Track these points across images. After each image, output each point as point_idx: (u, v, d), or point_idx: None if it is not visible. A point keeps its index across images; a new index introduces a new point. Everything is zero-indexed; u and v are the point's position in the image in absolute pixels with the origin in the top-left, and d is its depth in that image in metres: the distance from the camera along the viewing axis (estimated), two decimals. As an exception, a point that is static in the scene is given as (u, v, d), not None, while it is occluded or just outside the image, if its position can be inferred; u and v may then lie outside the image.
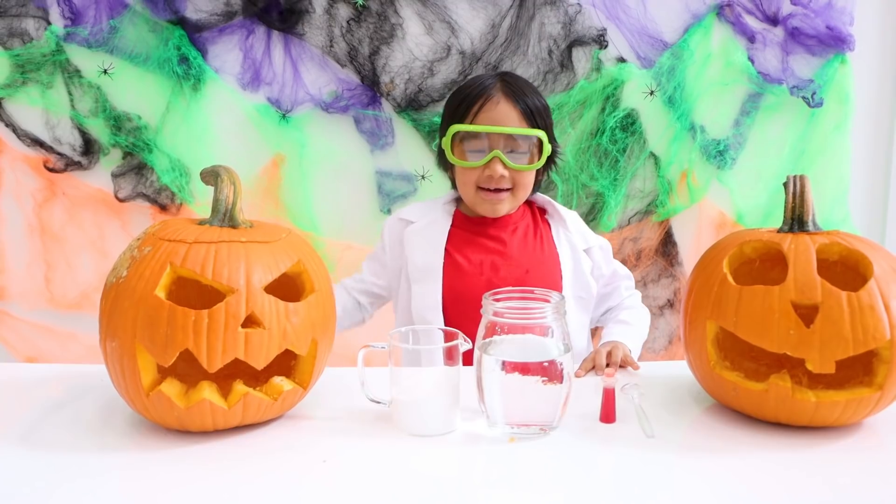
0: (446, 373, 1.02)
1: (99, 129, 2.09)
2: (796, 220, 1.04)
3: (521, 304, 1.02)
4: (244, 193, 2.05)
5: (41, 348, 2.20)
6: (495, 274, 1.41)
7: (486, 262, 1.41)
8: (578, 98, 2.05)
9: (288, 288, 1.03)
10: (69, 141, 2.09)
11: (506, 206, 1.40)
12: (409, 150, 2.09)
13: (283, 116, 2.08)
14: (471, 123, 1.35)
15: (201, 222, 1.06)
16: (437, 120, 2.02)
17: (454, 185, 1.46)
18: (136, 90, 2.07)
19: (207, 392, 0.96)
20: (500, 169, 1.34)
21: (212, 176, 1.08)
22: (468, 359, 1.01)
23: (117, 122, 2.07)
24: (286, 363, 1.04)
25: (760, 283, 0.98)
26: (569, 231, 1.46)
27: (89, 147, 2.10)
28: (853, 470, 0.91)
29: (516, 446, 0.97)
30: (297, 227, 2.09)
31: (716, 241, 1.11)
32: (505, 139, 1.34)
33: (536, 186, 1.47)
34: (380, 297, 1.54)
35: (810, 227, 1.03)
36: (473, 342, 1.01)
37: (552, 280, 1.42)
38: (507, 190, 1.38)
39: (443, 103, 2.04)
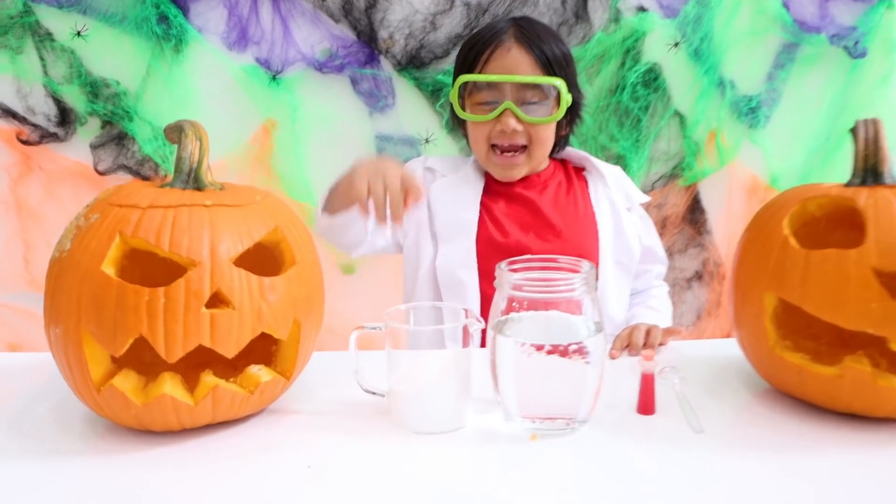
0: (454, 357, 0.87)
1: (74, 97, 1.94)
2: (870, 171, 0.87)
3: (543, 274, 0.86)
4: (233, 162, 1.96)
5: (24, 335, 2.06)
6: (525, 235, 1.28)
7: (517, 224, 1.29)
8: (595, 52, 1.90)
9: (264, 260, 0.87)
10: (43, 111, 1.94)
11: (521, 168, 1.29)
12: (412, 111, 1.93)
13: (273, 78, 1.93)
14: (480, 73, 1.24)
15: (163, 185, 0.89)
16: (441, 78, 1.90)
17: (468, 145, 1.34)
18: (112, 53, 1.91)
19: (169, 386, 0.81)
20: (512, 122, 1.22)
21: (175, 131, 0.92)
22: (484, 341, 0.86)
23: (94, 88, 1.92)
24: (265, 349, 0.88)
25: (828, 247, 0.81)
26: (609, 188, 1.34)
27: (65, 117, 1.95)
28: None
29: (539, 445, 0.82)
30: (292, 197, 1.96)
31: (748, 207, 0.94)
32: (517, 89, 1.22)
33: (561, 143, 1.35)
34: (381, 242, 1.31)
35: (887, 178, 0.86)
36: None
37: (589, 242, 1.30)
38: (523, 148, 1.26)
39: (447, 60, 1.90)
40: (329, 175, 1.91)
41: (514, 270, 0.86)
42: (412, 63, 1.90)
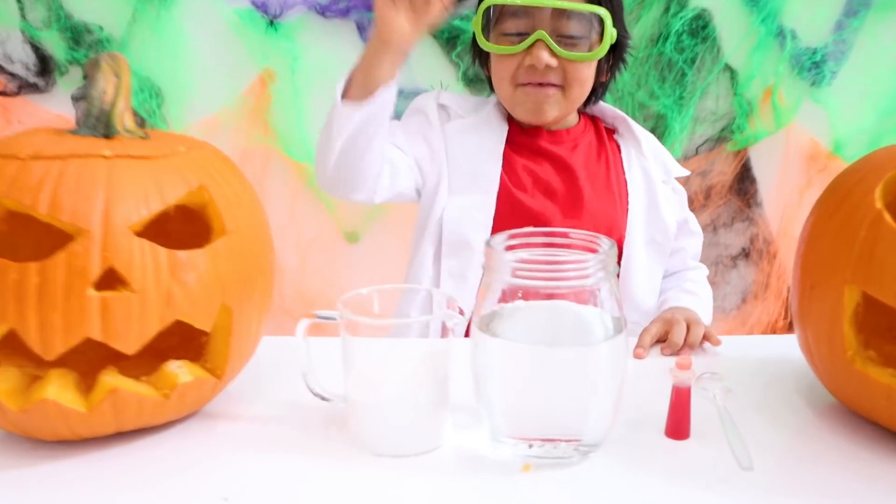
0: (428, 358, 0.67)
1: (54, 44, 1.81)
2: None
3: (548, 254, 0.66)
4: (226, 117, 1.78)
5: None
6: (551, 198, 1.10)
7: (541, 185, 1.11)
8: (636, -5, 1.74)
9: (189, 230, 0.68)
10: (21, 59, 1.81)
11: (554, 107, 1.08)
12: (424, 61, 1.76)
13: (271, 23, 1.77)
14: None
15: (69, 132, 0.71)
16: (459, 24, 1.72)
17: (491, 86, 1.15)
18: (96, -4, 1.76)
19: (53, 389, 0.63)
20: (545, 56, 1.03)
21: (92, 67, 0.73)
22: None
23: (75, 34, 1.79)
24: (193, 341, 0.70)
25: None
26: (644, 156, 1.17)
27: (45, 65, 1.81)
28: None
29: (534, 477, 0.62)
30: (291, 157, 1.81)
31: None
32: (553, 18, 1.03)
33: (598, 93, 1.16)
34: (403, 180, 1.11)
35: None
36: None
37: (618, 216, 1.13)
38: (556, 87, 1.07)
39: (466, 3, 1.70)
40: None
41: (511, 248, 0.65)
42: (425, 6, 1.70)
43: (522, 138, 1.14)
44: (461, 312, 0.65)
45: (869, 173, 0.66)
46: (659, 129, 1.79)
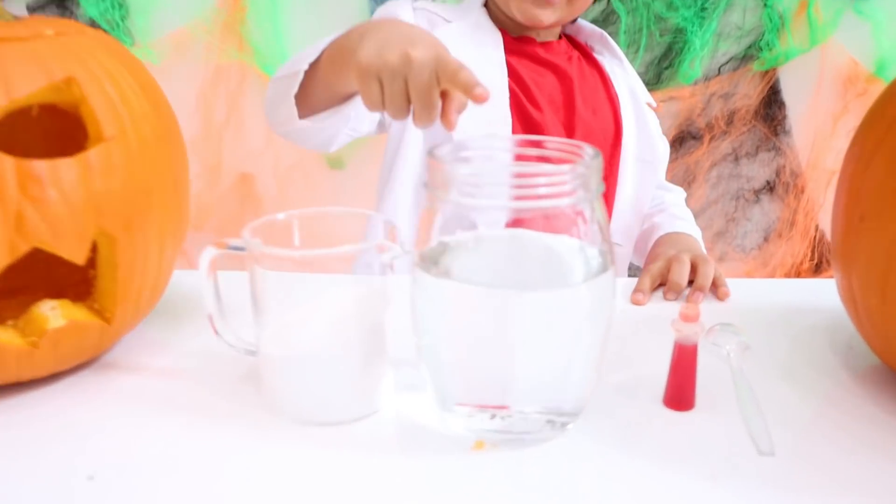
0: (361, 302, 0.53)
1: None
2: None
3: (502, 164, 0.51)
4: (197, 31, 1.61)
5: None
6: (556, 111, 1.01)
7: (546, 97, 1.00)
8: None
9: (65, 134, 0.53)
10: None
11: (555, 11, 0.97)
12: None
13: None
14: None
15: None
16: None
17: None
18: None
19: None
20: None
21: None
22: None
23: None
24: (80, 276, 0.56)
25: None
26: (627, 73, 1.10)
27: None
28: None
29: (493, 457, 0.49)
30: (267, 74, 1.70)
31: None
32: None
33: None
34: (365, 124, 0.98)
35: None
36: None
37: (612, 132, 1.04)
38: None
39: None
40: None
41: (465, 158, 0.50)
42: None
43: (519, 46, 1.01)
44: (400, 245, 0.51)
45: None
46: (677, 44, 1.68)
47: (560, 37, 1.08)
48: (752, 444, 0.49)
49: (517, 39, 1.03)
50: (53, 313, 0.54)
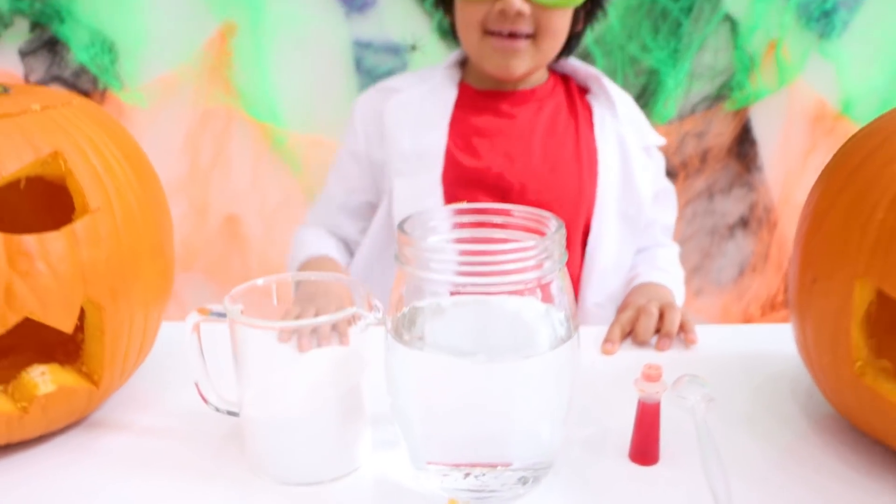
0: (338, 365, 0.55)
1: None
2: None
3: (476, 237, 0.54)
4: (184, 74, 1.66)
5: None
6: (509, 168, 1.01)
7: (498, 148, 1.01)
8: (626, -64, 1.65)
9: (51, 208, 0.56)
10: None
11: (524, 60, 0.99)
12: (397, 11, 1.68)
13: None
14: None
15: None
16: None
17: (454, 34, 1.07)
18: (41, -61, 1.69)
19: None
20: (517, 1, 0.94)
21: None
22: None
23: None
24: (70, 341, 0.58)
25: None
26: (618, 120, 1.07)
27: (-13, 18, 1.70)
28: None
29: (465, 514, 0.50)
30: (253, 116, 1.73)
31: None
32: None
33: (572, 45, 1.07)
34: (373, 210, 1.12)
35: None
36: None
37: (587, 187, 1.03)
38: (527, 37, 0.98)
39: None
40: (298, 89, 1.67)
41: (438, 228, 0.53)
42: (397, -50, 1.65)
43: (478, 100, 1.05)
44: (376, 309, 0.53)
45: (889, 137, 0.53)
46: (651, 85, 1.72)
47: (549, 78, 1.09)
48: (712, 497, 0.52)
49: (483, 94, 1.06)
50: (43, 379, 0.56)
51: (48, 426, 0.58)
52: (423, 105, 1.04)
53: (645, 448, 0.56)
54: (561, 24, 0.98)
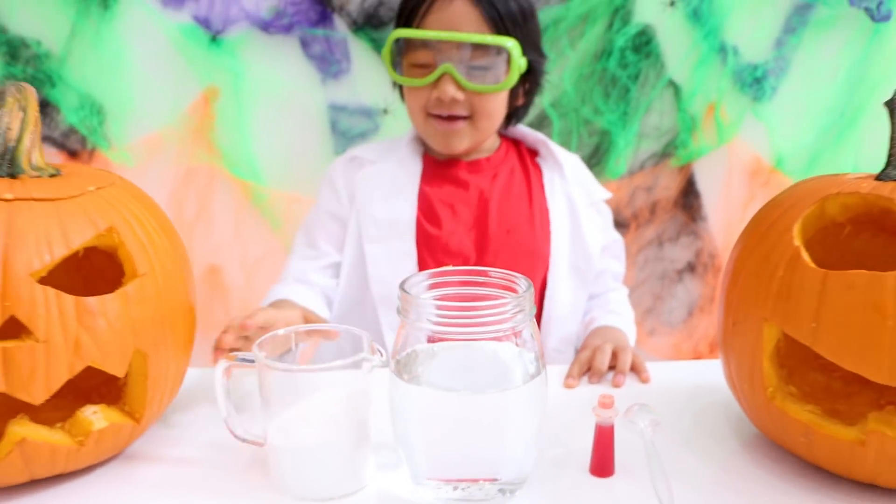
0: (348, 400, 0.65)
1: None
2: (910, 159, 0.65)
3: (461, 294, 0.65)
4: (169, 136, 1.74)
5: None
6: (468, 235, 1.09)
7: (460, 217, 1.09)
8: (579, 11, 1.71)
9: (102, 271, 0.66)
10: None
11: (464, 139, 1.07)
12: (369, 78, 1.74)
13: (214, 39, 1.74)
14: (417, 28, 1.04)
15: (-25, 170, 0.68)
16: None
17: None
18: (33, 9, 1.70)
19: (-43, 440, 0.60)
20: (451, 90, 1.02)
21: (-1, 99, 0.70)
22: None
23: (11, 48, 1.74)
24: (111, 383, 0.68)
25: (854, 265, 0.59)
26: (566, 180, 1.15)
27: (-19, 81, 1.74)
28: None
29: (455, 522, 0.61)
30: (236, 175, 1.77)
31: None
32: (460, 50, 1.01)
33: (517, 115, 1.15)
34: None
35: (933, 170, 0.64)
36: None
37: (541, 244, 1.11)
38: (465, 118, 1.05)
39: None
40: (277, 150, 1.75)
41: (429, 288, 0.64)
42: (369, 22, 1.71)
43: (439, 169, 1.13)
44: (379, 353, 0.64)
45: (789, 209, 0.66)
46: (604, 144, 1.78)
47: (501, 145, 1.15)
48: (657, 499, 0.63)
49: (442, 164, 1.12)
50: (96, 417, 0.65)
51: (97, 457, 0.67)
52: (393, 178, 1.11)
53: (602, 464, 0.67)
54: (495, 106, 1.05)
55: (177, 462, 0.71)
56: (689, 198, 1.85)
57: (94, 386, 0.70)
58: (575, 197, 1.14)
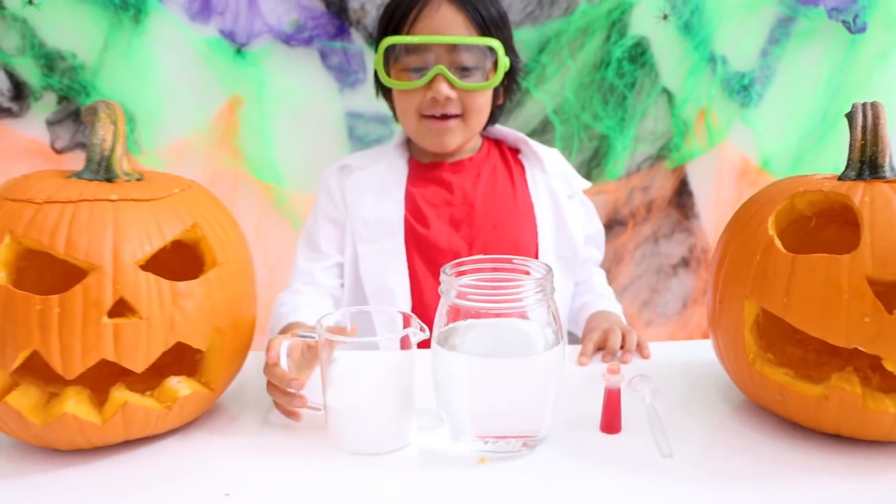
0: (395, 369, 0.77)
1: (28, 70, 1.81)
2: (867, 162, 0.77)
3: (492, 278, 0.76)
4: (196, 141, 1.85)
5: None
6: (457, 228, 1.17)
7: (445, 216, 1.18)
8: (579, 24, 1.78)
9: (185, 262, 0.78)
10: None
11: (456, 136, 1.15)
12: None
13: (239, 51, 1.81)
14: (407, 34, 1.11)
15: (73, 175, 0.80)
16: None
17: (396, 117, 1.23)
18: (68, 24, 1.78)
19: (72, 404, 0.72)
20: (444, 89, 1.09)
21: (90, 114, 0.82)
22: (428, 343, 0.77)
23: (49, 61, 1.80)
24: (189, 359, 0.80)
25: (821, 250, 0.71)
26: (547, 174, 1.23)
27: (19, 91, 1.83)
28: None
29: (489, 469, 0.73)
30: (259, 178, 1.85)
31: (738, 190, 0.84)
32: (450, 52, 1.10)
33: (496, 115, 1.23)
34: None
35: (887, 172, 0.76)
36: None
37: (526, 236, 1.19)
38: (457, 117, 1.14)
39: None
40: (297, 154, 1.84)
41: (462, 273, 0.76)
42: (384, 36, 1.77)
43: (424, 172, 1.20)
44: (423, 329, 0.76)
45: (764, 205, 0.78)
46: (603, 148, 1.84)
47: (483, 145, 1.22)
48: (658, 452, 0.75)
49: (428, 166, 1.19)
50: (181, 385, 0.77)
51: (180, 421, 0.79)
52: (381, 180, 1.18)
53: (610, 422, 0.79)
54: (483, 103, 1.14)
55: (245, 426, 0.83)
56: (682, 197, 1.91)
57: (170, 363, 0.81)
58: (557, 189, 1.21)
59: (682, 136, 1.87)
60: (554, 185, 1.22)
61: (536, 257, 1.18)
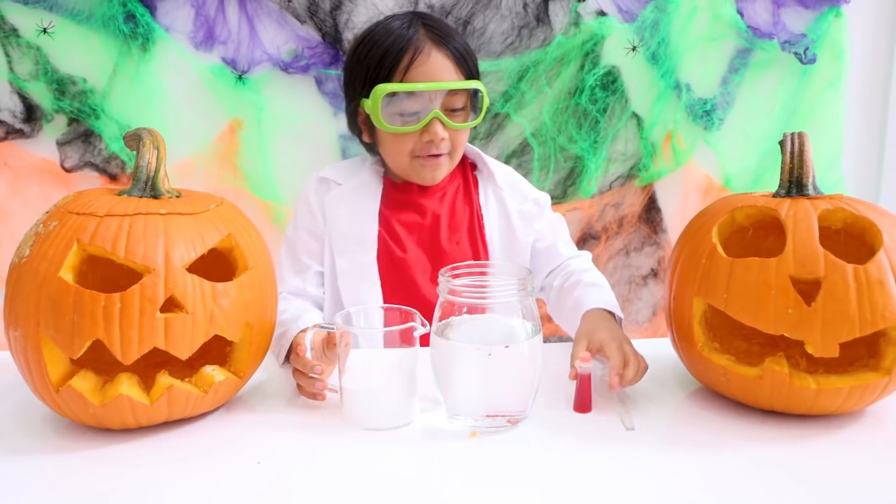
0: (401, 358, 0.90)
1: (41, 94, 1.92)
2: (794, 182, 0.92)
3: (480, 280, 0.90)
4: (199, 161, 1.98)
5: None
6: (422, 247, 1.25)
7: (414, 237, 1.25)
8: (555, 55, 1.92)
9: (218, 266, 0.91)
10: (9, 107, 1.93)
11: (444, 170, 1.22)
12: None
13: (240, 78, 1.93)
14: (402, 82, 1.15)
15: (120, 193, 0.92)
16: None
17: (371, 151, 1.29)
18: (79, 51, 1.89)
19: (126, 386, 0.84)
20: (440, 131, 1.16)
21: (134, 140, 0.95)
22: (427, 342, 0.90)
23: (60, 85, 1.91)
24: (220, 350, 0.92)
25: (755, 255, 0.86)
26: (499, 188, 1.28)
27: (31, 113, 1.93)
28: (858, 463, 0.80)
29: (480, 441, 0.86)
30: (258, 196, 1.96)
31: (703, 206, 0.99)
32: (444, 97, 1.16)
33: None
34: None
35: (810, 190, 0.91)
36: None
37: (479, 248, 1.25)
38: (445, 154, 1.20)
39: None
40: (294, 173, 1.96)
41: (456, 276, 0.90)
42: (376, 64, 1.90)
43: (396, 195, 1.26)
44: (424, 325, 0.89)
45: (710, 218, 0.93)
46: (577, 168, 1.96)
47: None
48: (623, 426, 0.89)
49: (400, 187, 1.24)
50: (216, 373, 0.90)
51: (214, 404, 0.92)
52: (357, 197, 1.23)
53: (583, 403, 0.93)
54: (465, 138, 1.21)
55: (269, 408, 0.96)
56: (651, 213, 2.03)
57: (204, 353, 0.91)
58: (507, 199, 1.26)
59: (650, 156, 2.00)
60: (504, 195, 1.27)
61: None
